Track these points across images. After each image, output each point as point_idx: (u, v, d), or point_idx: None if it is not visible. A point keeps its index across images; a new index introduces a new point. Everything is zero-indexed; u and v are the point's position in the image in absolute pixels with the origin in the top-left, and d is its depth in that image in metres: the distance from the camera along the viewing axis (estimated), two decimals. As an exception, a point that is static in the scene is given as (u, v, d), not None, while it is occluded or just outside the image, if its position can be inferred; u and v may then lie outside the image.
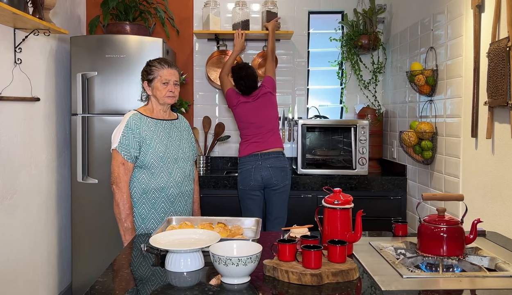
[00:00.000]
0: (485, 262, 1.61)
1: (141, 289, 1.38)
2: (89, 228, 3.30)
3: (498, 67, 2.09)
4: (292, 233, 1.70)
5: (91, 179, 3.29)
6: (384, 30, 3.91)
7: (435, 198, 1.73)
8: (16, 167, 2.82)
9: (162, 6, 3.61)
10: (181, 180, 2.32)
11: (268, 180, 3.11)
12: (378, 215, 3.38)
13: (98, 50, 3.26)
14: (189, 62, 4.03)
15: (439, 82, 2.83)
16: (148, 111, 2.32)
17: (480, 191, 2.34)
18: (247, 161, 3.15)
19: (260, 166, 3.10)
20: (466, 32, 2.49)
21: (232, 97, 3.27)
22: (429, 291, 1.35)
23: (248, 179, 3.12)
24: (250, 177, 3.11)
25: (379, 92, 3.95)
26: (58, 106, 3.38)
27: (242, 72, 3.20)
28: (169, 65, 2.30)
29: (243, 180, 3.15)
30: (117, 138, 2.21)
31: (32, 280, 3.02)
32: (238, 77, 3.21)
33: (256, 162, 3.12)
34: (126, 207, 2.19)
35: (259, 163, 3.11)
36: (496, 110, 2.18)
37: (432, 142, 2.84)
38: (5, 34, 2.67)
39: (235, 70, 3.25)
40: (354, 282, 1.41)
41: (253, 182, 3.11)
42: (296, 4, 3.99)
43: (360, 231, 1.62)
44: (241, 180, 3.16)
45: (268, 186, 3.13)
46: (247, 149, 3.17)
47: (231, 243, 1.52)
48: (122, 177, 2.20)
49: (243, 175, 3.14)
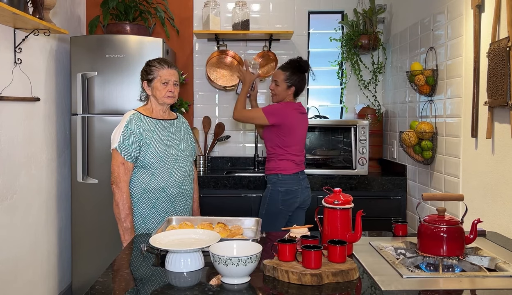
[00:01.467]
0: (485, 262, 1.61)
1: (141, 289, 1.38)
2: (89, 228, 3.30)
3: (498, 67, 2.09)
4: (292, 233, 1.70)
5: (91, 179, 3.29)
6: (384, 30, 3.91)
7: (435, 198, 1.73)
8: (16, 167, 2.82)
9: (162, 6, 3.61)
10: (181, 179, 2.32)
11: (305, 202, 2.91)
12: (378, 215, 3.38)
13: (98, 50, 3.26)
14: (189, 62, 4.03)
15: (439, 82, 2.83)
16: (148, 111, 2.32)
17: (480, 191, 2.34)
18: (292, 180, 2.84)
19: (302, 186, 2.87)
20: (466, 32, 2.49)
21: (287, 107, 2.85)
22: (429, 291, 1.35)
23: (294, 200, 2.83)
24: (296, 198, 2.84)
25: (379, 92, 3.95)
26: (58, 106, 3.38)
27: (306, 69, 2.91)
28: (169, 65, 2.30)
29: (288, 201, 2.82)
30: (117, 138, 2.21)
31: (32, 280, 3.02)
32: (303, 77, 2.89)
33: (299, 182, 2.86)
34: (126, 207, 2.19)
35: (301, 183, 2.87)
36: (496, 110, 2.18)
37: (432, 142, 2.84)
38: (5, 34, 2.67)
39: (300, 67, 2.87)
40: (354, 282, 1.41)
41: (298, 203, 2.86)
42: (296, 4, 3.99)
43: (360, 231, 1.62)
44: (286, 200, 2.82)
45: (302, 207, 2.92)
46: (294, 167, 2.85)
47: (231, 243, 1.52)
48: (122, 177, 2.20)
49: (289, 195, 2.82)
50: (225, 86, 3.87)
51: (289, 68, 2.85)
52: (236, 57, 3.93)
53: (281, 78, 2.85)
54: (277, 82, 2.86)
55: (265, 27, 3.99)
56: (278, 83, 2.86)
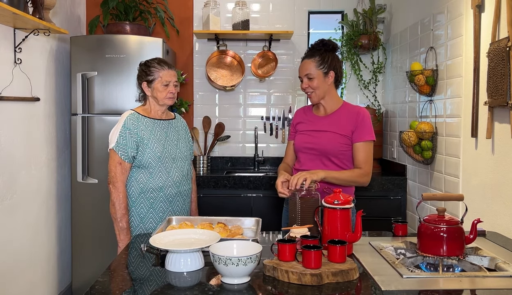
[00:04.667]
0: (485, 262, 1.61)
1: (141, 289, 1.38)
2: (89, 228, 3.30)
3: (498, 67, 2.09)
4: (292, 233, 1.70)
5: (91, 179, 3.29)
6: (384, 30, 3.91)
7: (435, 198, 1.73)
8: (16, 167, 2.82)
9: (162, 6, 3.61)
10: (179, 179, 2.32)
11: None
12: (378, 215, 3.38)
13: (98, 50, 3.26)
14: (189, 62, 4.03)
15: (439, 82, 2.83)
16: (146, 111, 2.32)
17: (480, 191, 2.34)
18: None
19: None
20: (466, 32, 2.49)
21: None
22: (429, 291, 1.35)
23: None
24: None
25: (379, 92, 3.95)
26: (58, 106, 3.38)
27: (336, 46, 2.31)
28: (168, 66, 2.30)
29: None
30: (115, 138, 2.21)
31: (32, 280, 3.02)
32: (337, 57, 2.30)
33: None
34: (122, 207, 2.20)
35: None
36: (496, 110, 2.18)
37: (432, 142, 2.84)
38: (5, 34, 2.67)
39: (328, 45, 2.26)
40: (354, 282, 1.40)
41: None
42: (296, 4, 3.99)
43: (360, 231, 1.62)
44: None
45: None
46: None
47: (231, 243, 1.52)
48: (119, 176, 2.20)
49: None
50: (225, 86, 3.86)
51: (316, 53, 2.23)
52: (236, 57, 3.93)
53: (313, 66, 2.20)
54: (309, 75, 2.21)
55: (265, 27, 3.99)
56: (311, 75, 2.20)
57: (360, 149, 2.19)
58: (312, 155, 2.24)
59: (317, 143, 2.22)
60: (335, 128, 2.22)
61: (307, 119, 2.34)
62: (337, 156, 2.20)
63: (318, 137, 2.24)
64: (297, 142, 2.31)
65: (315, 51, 2.23)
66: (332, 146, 2.19)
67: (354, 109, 2.26)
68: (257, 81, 4.03)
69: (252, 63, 3.90)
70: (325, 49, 2.23)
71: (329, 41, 2.26)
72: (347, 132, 2.20)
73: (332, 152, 2.19)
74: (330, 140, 2.20)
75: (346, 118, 2.23)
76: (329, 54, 2.23)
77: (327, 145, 2.20)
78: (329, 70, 2.22)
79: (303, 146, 2.27)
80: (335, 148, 2.19)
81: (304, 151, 2.27)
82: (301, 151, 2.28)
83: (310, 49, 2.28)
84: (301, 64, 2.26)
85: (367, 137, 2.19)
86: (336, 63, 2.24)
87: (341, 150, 2.19)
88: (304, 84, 2.24)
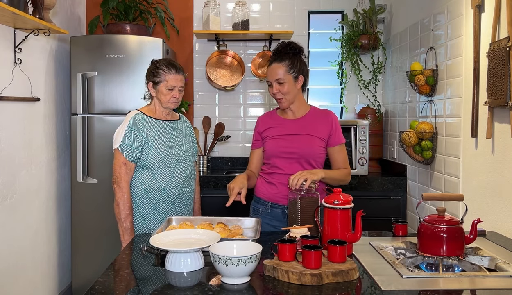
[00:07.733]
0: (485, 262, 1.61)
1: (141, 289, 1.38)
2: (89, 228, 3.30)
3: (498, 67, 2.09)
4: (292, 233, 1.70)
5: (91, 179, 3.29)
6: (384, 30, 3.91)
7: (435, 198, 1.73)
8: (16, 167, 2.82)
9: (162, 6, 3.61)
10: (183, 180, 2.32)
11: None
12: (378, 215, 3.38)
13: (98, 50, 3.26)
14: (189, 62, 4.03)
15: (439, 82, 2.83)
16: (151, 112, 2.32)
17: (480, 191, 2.34)
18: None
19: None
20: (466, 32, 2.49)
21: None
22: (429, 291, 1.35)
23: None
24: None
25: (379, 92, 3.95)
26: (58, 106, 3.38)
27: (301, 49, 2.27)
28: (176, 70, 2.26)
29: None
30: (119, 138, 2.21)
31: (32, 280, 3.02)
32: (303, 59, 2.25)
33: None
34: (126, 207, 2.19)
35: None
36: (496, 110, 2.18)
37: (432, 142, 2.84)
38: (5, 34, 2.67)
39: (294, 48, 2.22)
40: (354, 282, 1.40)
41: None
42: (296, 4, 3.99)
43: (360, 231, 1.62)
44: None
45: None
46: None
47: (231, 243, 1.52)
48: (123, 177, 2.20)
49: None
50: (225, 86, 3.86)
51: (284, 56, 2.17)
52: (236, 57, 3.93)
53: (283, 71, 2.15)
54: (280, 80, 2.15)
55: (265, 27, 3.99)
56: (282, 80, 2.15)
57: (340, 151, 2.26)
58: (291, 159, 2.19)
59: (296, 147, 2.18)
60: (310, 130, 2.21)
61: (276, 123, 2.27)
62: (315, 159, 2.20)
63: (295, 141, 2.20)
64: (270, 148, 2.23)
65: (284, 54, 2.18)
66: (312, 149, 2.19)
67: (324, 113, 2.27)
68: (257, 81, 4.03)
69: (252, 63, 3.90)
70: (293, 52, 2.19)
71: (295, 44, 2.22)
72: (324, 136, 2.22)
73: (312, 155, 2.19)
74: (310, 143, 2.19)
75: (320, 122, 2.23)
76: (297, 57, 2.20)
77: (307, 149, 2.19)
78: (299, 75, 2.18)
79: (279, 151, 2.20)
80: (315, 151, 2.20)
81: (281, 156, 2.20)
82: (277, 156, 2.21)
83: (277, 52, 2.20)
84: (270, 68, 2.19)
85: (342, 140, 2.27)
86: (304, 67, 2.21)
87: (318, 153, 2.21)
88: (274, 89, 2.17)
